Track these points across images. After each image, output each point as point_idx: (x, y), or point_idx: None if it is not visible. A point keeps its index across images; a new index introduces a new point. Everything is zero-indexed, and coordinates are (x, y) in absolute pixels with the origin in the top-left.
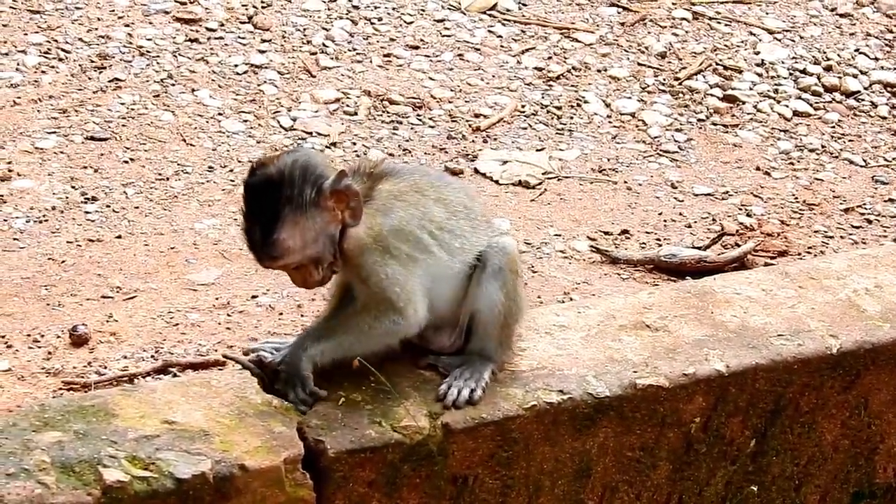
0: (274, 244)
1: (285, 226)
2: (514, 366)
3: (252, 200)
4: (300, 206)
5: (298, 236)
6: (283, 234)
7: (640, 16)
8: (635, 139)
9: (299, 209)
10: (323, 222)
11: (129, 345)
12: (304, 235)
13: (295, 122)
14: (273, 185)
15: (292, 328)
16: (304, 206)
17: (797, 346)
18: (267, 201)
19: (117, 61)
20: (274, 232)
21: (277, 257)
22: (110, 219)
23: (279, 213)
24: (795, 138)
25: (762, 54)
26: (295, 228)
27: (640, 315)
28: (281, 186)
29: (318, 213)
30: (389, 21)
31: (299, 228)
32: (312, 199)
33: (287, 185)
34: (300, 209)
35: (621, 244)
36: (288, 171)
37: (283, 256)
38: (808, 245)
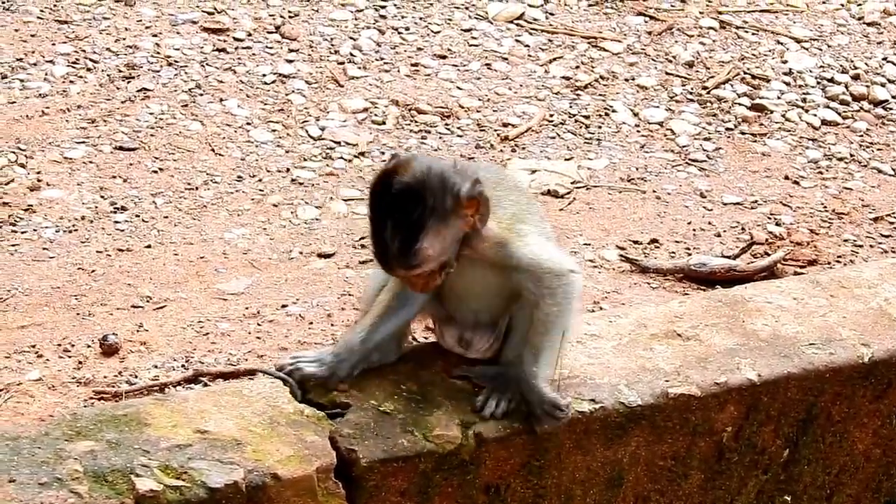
0: (416, 254)
1: (428, 235)
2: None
3: (389, 209)
4: (442, 215)
5: (438, 245)
6: (426, 244)
7: (667, 25)
8: (664, 148)
9: (441, 218)
10: (457, 229)
11: (159, 354)
12: (442, 243)
13: (323, 131)
14: (414, 194)
15: (322, 338)
16: (446, 214)
17: (829, 354)
18: (408, 211)
19: (145, 71)
20: (416, 241)
21: (416, 266)
22: (139, 228)
23: (423, 222)
24: (824, 147)
25: (790, 63)
26: (436, 238)
27: (672, 324)
28: (422, 196)
29: (455, 221)
30: (417, 30)
31: (440, 237)
32: (451, 208)
33: (429, 195)
34: (442, 218)
35: (651, 253)
36: (427, 180)
37: (422, 265)
38: (837, 254)
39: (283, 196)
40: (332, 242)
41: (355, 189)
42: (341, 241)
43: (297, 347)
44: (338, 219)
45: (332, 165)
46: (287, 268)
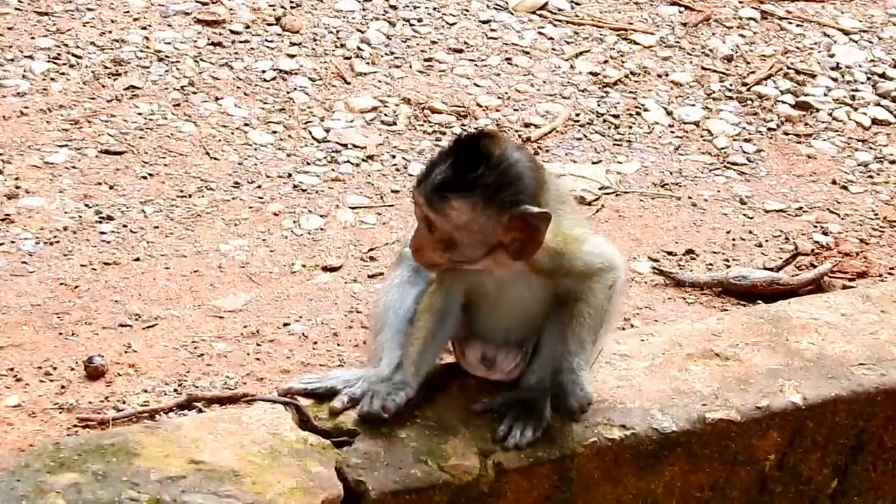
0: (444, 200)
1: (466, 201)
2: None
3: (462, 155)
4: (489, 201)
5: (464, 219)
6: (457, 204)
7: (703, 15)
8: (700, 150)
9: (485, 203)
10: (491, 232)
11: (149, 377)
12: (467, 223)
13: (328, 132)
14: (494, 163)
15: (327, 359)
16: (491, 205)
17: (880, 375)
18: (472, 169)
19: (133, 67)
20: (454, 194)
21: (435, 208)
22: (127, 240)
23: (472, 187)
24: (875, 149)
25: (837, 57)
26: (469, 211)
27: (709, 342)
28: (492, 171)
29: (493, 222)
30: (430, 22)
31: (472, 215)
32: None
33: (496, 176)
34: (486, 204)
35: (686, 265)
36: (505, 167)
37: (439, 214)
38: (889, 266)
39: (284, 204)
40: (339, 254)
41: (363, 196)
42: (348, 252)
43: (300, 370)
44: (344, 228)
45: (338, 170)
46: (289, 282)
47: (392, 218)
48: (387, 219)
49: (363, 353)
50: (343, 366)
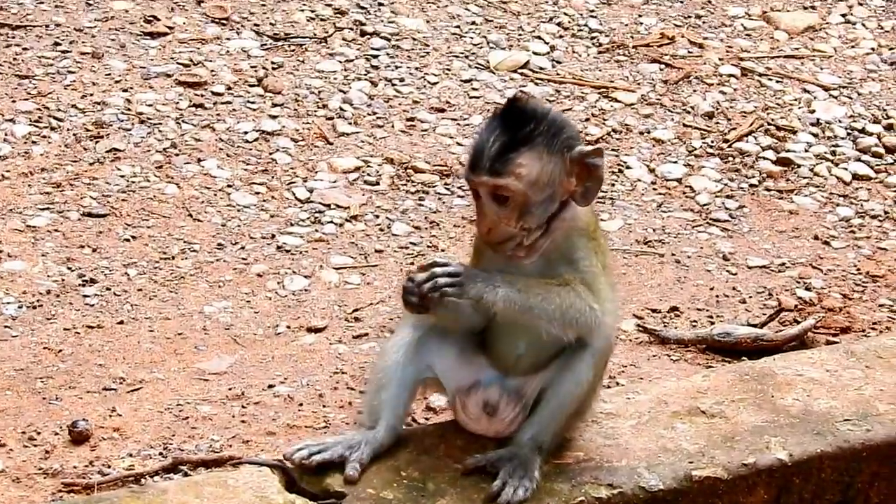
0: (509, 161)
1: (529, 153)
2: (558, 458)
3: (504, 121)
4: (550, 148)
5: (535, 171)
6: (524, 160)
7: (684, 73)
8: (683, 207)
9: (548, 150)
10: (559, 180)
11: (134, 441)
12: (539, 174)
13: (311, 193)
14: (533, 117)
15: (312, 420)
16: (553, 151)
17: (865, 431)
18: (521, 126)
19: (115, 130)
20: (516, 153)
21: (503, 174)
22: (111, 303)
23: (530, 139)
24: (856, 204)
25: (817, 113)
26: (537, 162)
27: (695, 400)
28: (540, 122)
29: (559, 169)
30: (412, 82)
31: (540, 165)
32: (561, 152)
33: (547, 125)
34: (549, 151)
35: (670, 322)
36: (551, 115)
37: (509, 177)
38: (873, 321)
39: (268, 265)
40: (323, 315)
41: (347, 256)
42: (333, 313)
43: (285, 432)
44: (328, 289)
45: (322, 230)
46: (273, 344)
47: (376, 278)
48: (371, 279)
49: (349, 414)
50: (329, 427)
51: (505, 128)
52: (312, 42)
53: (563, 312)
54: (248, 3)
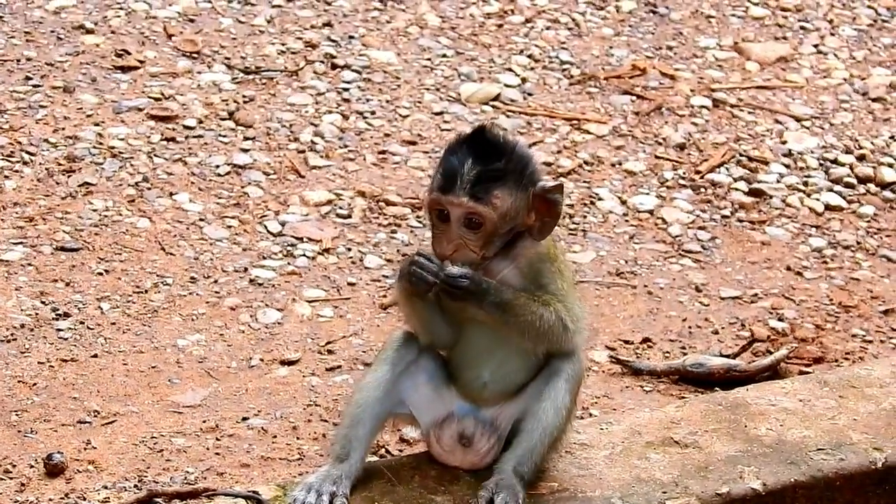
0: (488, 190)
1: (504, 187)
2: (533, 489)
3: (475, 149)
4: (518, 182)
5: (507, 204)
6: (500, 192)
7: (655, 104)
8: (655, 239)
9: (517, 184)
10: (521, 212)
11: (109, 474)
12: (509, 207)
13: (284, 226)
14: (504, 151)
15: (286, 452)
16: (521, 186)
17: (839, 460)
18: (494, 157)
19: (87, 164)
20: (493, 183)
21: (483, 201)
22: (85, 336)
23: (503, 175)
24: (828, 234)
25: (789, 144)
26: (508, 197)
27: (668, 430)
28: (511, 158)
29: (523, 203)
30: (383, 115)
31: (511, 198)
32: (526, 187)
33: (516, 158)
34: (517, 185)
35: (643, 354)
36: (519, 148)
37: (487, 205)
38: (845, 350)
39: (240, 298)
40: (296, 348)
41: (320, 289)
42: (306, 346)
43: (260, 464)
44: (301, 322)
45: (294, 264)
46: (247, 377)
47: (349, 311)
48: (344, 312)
49: (322, 446)
50: (303, 459)
51: (477, 156)
52: (283, 75)
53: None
54: (218, 37)
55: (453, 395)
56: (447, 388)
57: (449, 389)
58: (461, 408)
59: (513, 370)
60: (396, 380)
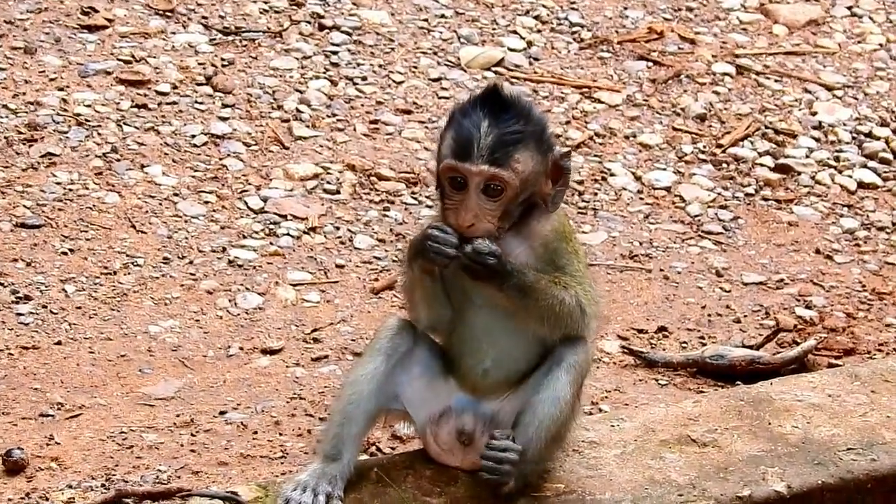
0: (508, 154)
1: (525, 150)
2: (537, 490)
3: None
4: (538, 147)
5: (528, 168)
6: (520, 155)
7: (674, 71)
8: (672, 218)
9: (537, 148)
10: (539, 179)
11: (74, 471)
12: (529, 172)
13: (266, 202)
14: (524, 111)
15: (268, 450)
16: (540, 150)
17: (870, 461)
18: (511, 119)
19: (50, 132)
20: (514, 147)
21: (504, 166)
22: (47, 321)
23: (522, 138)
24: (861, 215)
25: (819, 115)
26: (530, 159)
27: (685, 428)
28: (531, 118)
29: (541, 169)
30: (376, 81)
31: (532, 162)
32: (545, 152)
33: (534, 121)
34: (537, 149)
35: (658, 344)
36: (535, 111)
37: (508, 169)
38: (879, 342)
39: (218, 281)
40: (279, 336)
41: (305, 271)
42: (289, 334)
43: (238, 462)
44: (285, 308)
45: (277, 243)
46: (225, 367)
47: (337, 296)
48: (331, 296)
49: (307, 443)
50: (286, 457)
51: (494, 118)
52: (266, 37)
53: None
54: None
55: (451, 388)
56: (444, 381)
57: (446, 381)
58: (459, 401)
59: (516, 356)
60: (390, 372)
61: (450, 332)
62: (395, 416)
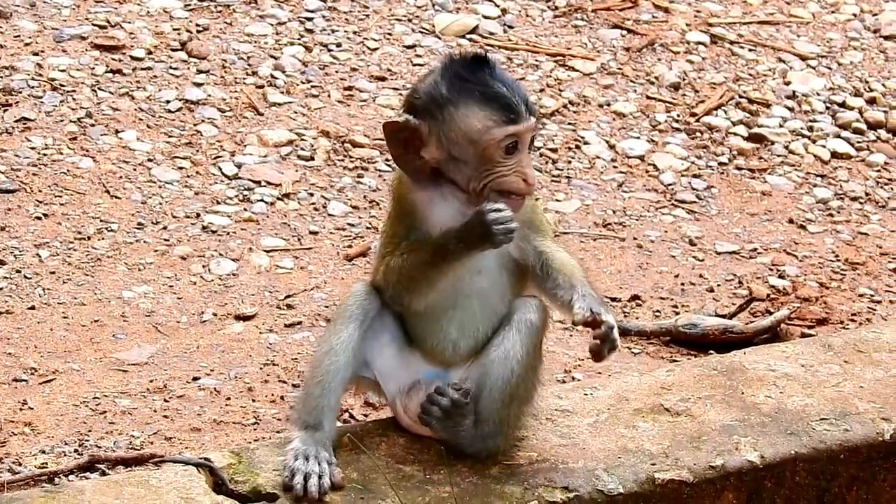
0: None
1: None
2: (509, 459)
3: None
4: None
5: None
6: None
7: (648, 40)
8: (645, 187)
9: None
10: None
11: (47, 437)
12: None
13: (240, 168)
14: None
15: (241, 416)
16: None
17: (843, 431)
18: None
19: (25, 97)
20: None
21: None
22: (21, 286)
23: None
24: (835, 185)
25: (793, 85)
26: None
27: (658, 396)
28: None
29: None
30: (350, 47)
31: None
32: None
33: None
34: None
35: (632, 312)
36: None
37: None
38: (852, 311)
39: (192, 247)
40: (252, 302)
41: (279, 238)
42: (263, 300)
43: (211, 428)
44: (258, 274)
45: (251, 209)
46: (198, 332)
47: (311, 262)
48: (305, 263)
49: (280, 409)
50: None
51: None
52: (241, 2)
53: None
54: None
55: (418, 360)
56: (411, 352)
57: (413, 353)
58: (428, 374)
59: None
60: (362, 338)
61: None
62: (366, 385)
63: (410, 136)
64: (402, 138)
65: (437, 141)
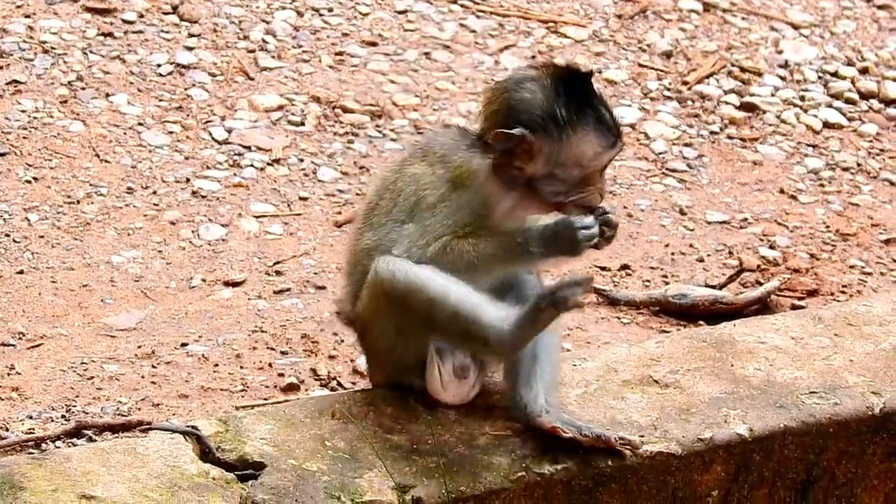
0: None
1: None
2: (496, 429)
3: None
4: None
5: None
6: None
7: (640, 7)
8: (636, 155)
9: None
10: None
11: (34, 402)
12: None
13: (230, 133)
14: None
15: (229, 382)
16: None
17: (833, 405)
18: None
19: (16, 60)
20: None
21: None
22: (10, 250)
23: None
24: (826, 155)
25: (786, 54)
26: None
27: (647, 368)
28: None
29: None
30: (342, 12)
31: None
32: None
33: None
34: None
35: (621, 282)
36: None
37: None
38: (842, 283)
39: (182, 212)
40: (242, 268)
41: (268, 203)
42: (252, 266)
43: (199, 395)
44: (248, 239)
45: (241, 175)
46: (187, 298)
47: (300, 228)
48: (294, 229)
49: (268, 377)
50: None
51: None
52: None
53: None
54: None
55: None
56: None
57: None
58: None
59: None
60: None
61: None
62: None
63: (519, 148)
64: (510, 148)
65: (545, 158)
